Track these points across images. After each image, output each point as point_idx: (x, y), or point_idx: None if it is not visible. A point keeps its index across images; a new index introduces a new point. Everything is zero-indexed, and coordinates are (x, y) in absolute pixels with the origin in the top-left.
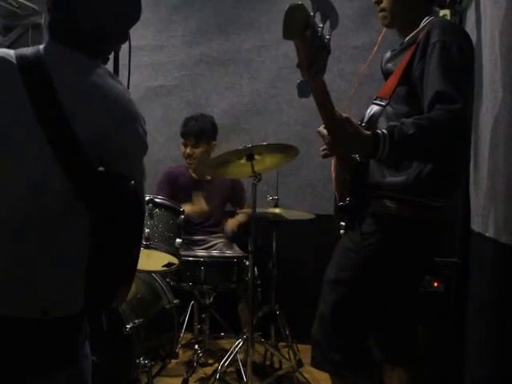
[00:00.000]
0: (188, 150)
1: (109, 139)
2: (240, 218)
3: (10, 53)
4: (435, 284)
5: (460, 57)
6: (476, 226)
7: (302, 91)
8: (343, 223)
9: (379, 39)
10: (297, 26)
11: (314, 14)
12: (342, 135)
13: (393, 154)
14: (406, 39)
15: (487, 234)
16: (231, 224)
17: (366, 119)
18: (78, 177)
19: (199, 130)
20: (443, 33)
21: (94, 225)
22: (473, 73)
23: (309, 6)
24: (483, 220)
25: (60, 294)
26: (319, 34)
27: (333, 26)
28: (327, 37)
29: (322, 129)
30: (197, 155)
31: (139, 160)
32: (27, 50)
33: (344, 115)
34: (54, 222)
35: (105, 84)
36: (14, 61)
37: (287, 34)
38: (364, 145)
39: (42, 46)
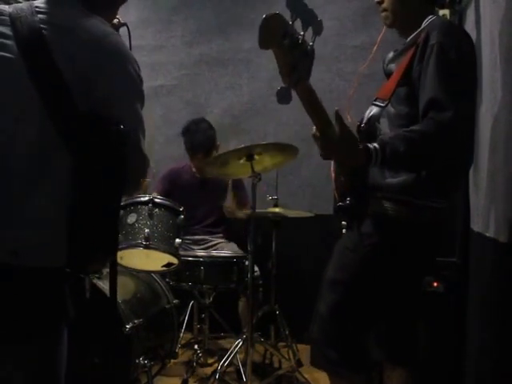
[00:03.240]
0: (200, 164)
1: (94, 77)
2: (239, 213)
3: (5, 7)
4: (435, 284)
5: (458, 60)
6: (476, 225)
7: (282, 97)
8: (344, 222)
9: (379, 39)
10: (272, 36)
11: (293, 22)
12: (335, 144)
13: (384, 166)
14: (408, 40)
15: (487, 234)
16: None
17: (365, 120)
18: (59, 114)
19: (207, 143)
20: (442, 34)
21: (77, 170)
22: (473, 74)
23: (287, 14)
24: (483, 220)
25: (34, 237)
26: (300, 41)
27: (316, 33)
28: (310, 43)
29: (316, 132)
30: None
31: (131, 104)
32: (22, 4)
33: (346, 129)
34: (31, 164)
35: (92, 24)
36: (7, 10)
37: (262, 44)
38: (356, 158)
39: None
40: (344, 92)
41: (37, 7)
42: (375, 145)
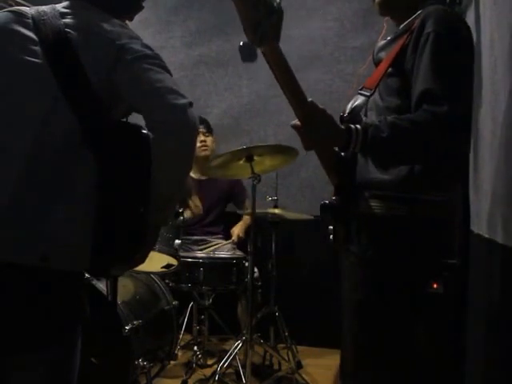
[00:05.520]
0: (201, 137)
1: (119, 81)
2: (246, 220)
3: (27, 9)
4: (434, 285)
5: (455, 51)
6: (475, 227)
7: (245, 54)
8: (331, 227)
9: (378, 40)
10: None
11: None
12: (313, 121)
13: (364, 152)
14: (400, 27)
15: (487, 236)
16: (237, 231)
17: (348, 110)
18: (86, 117)
19: (207, 122)
20: (438, 23)
21: (101, 176)
22: (471, 67)
23: None
24: (483, 221)
25: (61, 241)
26: None
27: None
28: (277, 1)
29: (296, 122)
30: (209, 143)
31: (159, 102)
32: (44, 6)
33: (320, 107)
34: (58, 167)
35: (115, 28)
36: (30, 12)
37: None
38: (336, 137)
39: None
40: (344, 93)
41: (60, 11)
42: (357, 126)
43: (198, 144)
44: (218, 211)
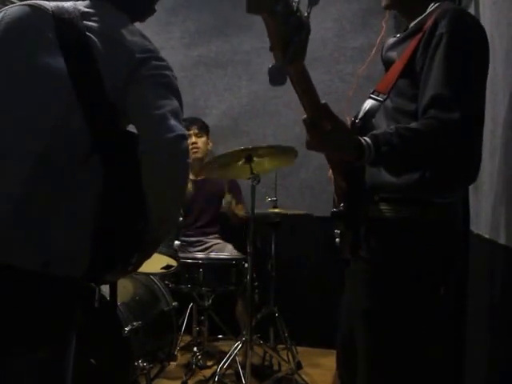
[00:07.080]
0: (193, 139)
1: (132, 92)
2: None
3: (47, 3)
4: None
5: (469, 54)
6: (474, 226)
7: (274, 77)
8: (338, 231)
9: (378, 40)
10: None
11: None
12: (327, 133)
13: (373, 166)
14: (411, 25)
15: (487, 236)
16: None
17: (360, 115)
18: (98, 125)
19: (201, 122)
20: (454, 23)
21: (106, 184)
22: (485, 70)
23: None
24: (483, 221)
25: (62, 248)
26: (294, 9)
27: (312, 2)
28: (305, 14)
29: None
30: (200, 145)
31: (159, 103)
32: (65, 3)
33: (338, 120)
34: (66, 172)
35: (136, 37)
36: (50, 8)
37: (251, 8)
38: (347, 152)
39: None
40: (343, 93)
41: (82, 11)
42: (368, 141)
43: (190, 147)
44: (213, 211)
